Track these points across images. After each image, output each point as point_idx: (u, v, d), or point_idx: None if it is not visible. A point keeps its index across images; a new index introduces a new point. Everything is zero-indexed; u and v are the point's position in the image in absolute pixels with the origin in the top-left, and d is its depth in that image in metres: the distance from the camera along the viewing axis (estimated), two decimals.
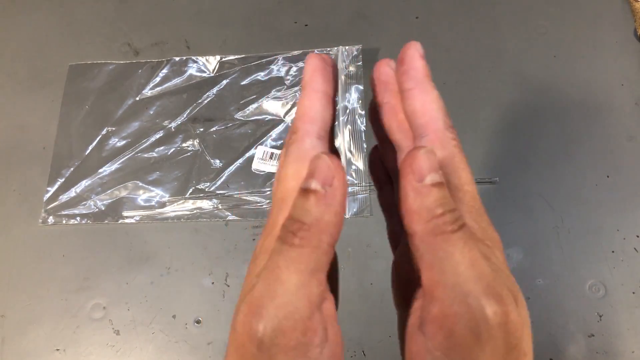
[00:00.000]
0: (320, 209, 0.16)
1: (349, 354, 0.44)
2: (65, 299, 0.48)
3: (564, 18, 0.57)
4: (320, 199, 0.16)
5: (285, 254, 0.16)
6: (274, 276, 0.16)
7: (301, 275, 0.16)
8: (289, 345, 0.16)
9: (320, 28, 0.59)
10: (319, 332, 0.16)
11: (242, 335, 0.16)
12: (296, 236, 0.16)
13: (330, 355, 0.17)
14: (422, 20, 0.58)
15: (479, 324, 0.15)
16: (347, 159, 0.51)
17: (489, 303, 0.15)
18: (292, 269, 0.16)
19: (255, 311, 0.16)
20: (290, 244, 0.16)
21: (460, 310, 0.15)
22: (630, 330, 0.44)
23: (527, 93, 0.54)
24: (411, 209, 0.17)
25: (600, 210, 0.49)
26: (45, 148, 0.55)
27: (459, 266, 0.16)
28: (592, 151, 0.51)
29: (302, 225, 0.16)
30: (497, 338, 0.15)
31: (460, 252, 0.16)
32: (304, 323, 0.16)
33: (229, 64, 0.57)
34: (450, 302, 0.16)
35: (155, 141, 0.54)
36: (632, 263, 0.46)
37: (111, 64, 0.58)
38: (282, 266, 0.16)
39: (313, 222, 0.16)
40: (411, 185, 0.17)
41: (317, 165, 0.17)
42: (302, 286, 0.16)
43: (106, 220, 0.51)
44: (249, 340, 0.16)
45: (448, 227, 0.16)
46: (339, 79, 0.22)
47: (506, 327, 0.15)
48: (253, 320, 0.16)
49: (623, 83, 0.54)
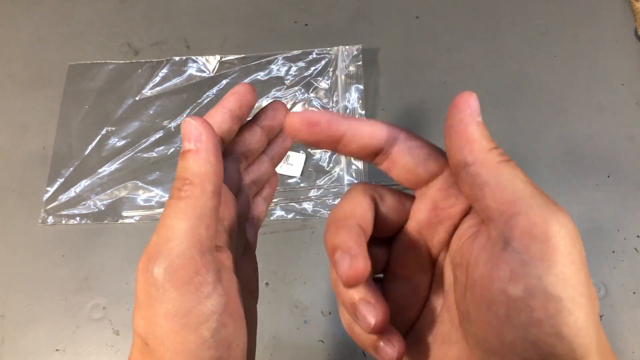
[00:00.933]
0: (197, 163, 0.19)
1: (348, 353, 0.44)
2: (65, 299, 0.48)
3: (564, 18, 0.57)
4: (194, 154, 0.19)
5: (174, 206, 0.19)
6: (166, 225, 0.18)
7: (189, 221, 0.18)
8: (181, 281, 0.17)
9: (320, 28, 0.59)
10: (211, 272, 0.18)
11: (140, 280, 0.18)
12: (181, 190, 0.19)
13: (223, 294, 0.19)
14: (422, 20, 0.58)
15: (566, 225, 0.16)
16: (347, 159, 0.51)
17: (563, 211, 0.17)
18: (180, 216, 0.18)
19: (151, 256, 0.18)
20: (178, 197, 0.19)
21: (548, 215, 0.16)
22: (630, 330, 0.44)
23: (527, 93, 0.54)
24: (472, 138, 0.18)
25: (600, 210, 0.49)
26: (45, 148, 0.55)
27: (528, 184, 0.17)
28: (592, 151, 0.51)
29: (185, 180, 0.19)
30: (579, 242, 0.16)
31: (523, 174, 0.18)
32: (195, 262, 0.18)
33: (228, 63, 0.57)
34: (535, 211, 0.16)
35: (155, 141, 0.54)
36: (632, 263, 0.46)
37: (111, 63, 0.58)
38: (172, 216, 0.18)
39: (194, 176, 0.19)
40: (473, 117, 0.18)
41: (186, 129, 0.19)
42: (190, 229, 0.18)
43: (106, 220, 0.51)
44: (145, 282, 0.18)
45: (505, 157, 0.18)
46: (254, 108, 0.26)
47: (578, 235, 0.17)
48: (149, 264, 0.18)
49: (623, 83, 0.54)
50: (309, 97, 0.55)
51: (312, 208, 0.50)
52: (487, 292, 0.17)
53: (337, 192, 0.51)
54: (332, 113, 0.20)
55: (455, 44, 0.57)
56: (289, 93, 0.55)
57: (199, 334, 0.17)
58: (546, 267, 0.16)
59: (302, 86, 0.55)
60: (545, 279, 0.16)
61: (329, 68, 0.56)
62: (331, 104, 0.54)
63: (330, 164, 0.52)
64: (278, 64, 0.56)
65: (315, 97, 0.55)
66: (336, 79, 0.55)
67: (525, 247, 0.16)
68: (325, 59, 0.56)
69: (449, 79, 0.55)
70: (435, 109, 0.53)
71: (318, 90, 0.55)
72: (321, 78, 0.55)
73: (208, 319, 0.18)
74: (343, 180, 0.51)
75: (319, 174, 0.51)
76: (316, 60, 0.56)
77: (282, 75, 0.56)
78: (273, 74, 0.56)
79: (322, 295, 0.47)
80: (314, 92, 0.55)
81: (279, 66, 0.56)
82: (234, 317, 0.19)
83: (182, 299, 0.17)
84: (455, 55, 0.56)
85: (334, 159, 0.52)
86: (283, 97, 0.55)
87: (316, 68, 0.56)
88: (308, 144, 0.20)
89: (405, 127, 0.21)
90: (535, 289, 0.16)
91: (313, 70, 0.56)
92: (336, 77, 0.55)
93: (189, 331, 0.17)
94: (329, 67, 0.56)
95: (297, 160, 0.52)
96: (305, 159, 0.52)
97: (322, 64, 0.56)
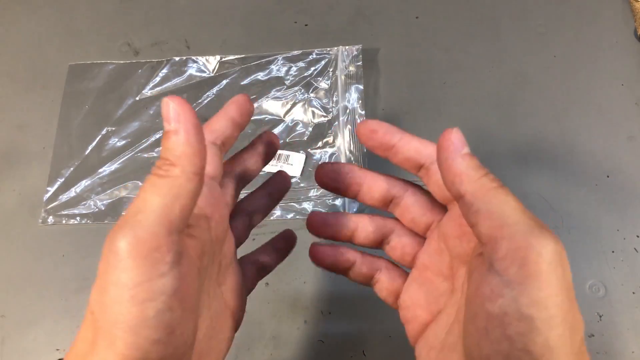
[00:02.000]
0: (176, 142, 0.19)
1: (349, 354, 0.44)
2: (65, 299, 0.48)
3: (564, 18, 0.57)
4: (173, 134, 0.19)
5: (151, 181, 0.19)
6: (140, 198, 0.18)
7: (164, 198, 0.18)
8: (140, 254, 0.17)
9: (320, 28, 0.59)
10: (173, 253, 0.18)
11: (105, 249, 0.18)
12: (161, 169, 0.19)
13: (178, 277, 0.18)
14: (422, 20, 0.58)
15: (548, 250, 0.17)
16: (347, 159, 0.51)
17: (550, 236, 0.18)
18: (155, 192, 0.18)
19: (120, 225, 0.18)
20: (157, 174, 0.19)
21: (529, 241, 0.17)
22: (630, 330, 0.44)
23: (527, 93, 0.54)
24: (459, 172, 0.20)
25: (600, 210, 0.49)
26: (45, 148, 0.55)
27: (516, 210, 0.18)
28: (592, 151, 0.51)
29: (166, 160, 0.19)
30: (561, 267, 0.17)
31: (513, 199, 0.19)
32: (158, 239, 0.18)
33: (229, 64, 0.57)
34: (518, 237, 0.18)
35: (155, 141, 0.54)
36: (632, 263, 0.46)
37: (111, 64, 0.58)
38: (147, 190, 0.18)
39: (174, 157, 0.19)
40: (458, 152, 0.20)
41: (165, 110, 0.19)
42: (163, 207, 0.18)
43: (106, 220, 0.51)
44: (107, 250, 0.17)
45: (495, 183, 0.19)
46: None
47: (564, 260, 0.18)
48: (116, 232, 0.17)
49: (623, 83, 0.54)
50: (309, 97, 0.55)
51: (312, 208, 0.50)
52: (473, 306, 0.19)
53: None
54: (392, 126, 0.24)
55: (455, 44, 0.57)
56: (289, 93, 0.55)
57: (142, 309, 0.17)
58: (521, 289, 0.17)
59: (302, 86, 0.55)
60: (519, 300, 0.17)
61: (328, 68, 0.56)
62: (331, 104, 0.54)
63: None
64: (278, 64, 0.56)
65: (315, 97, 0.55)
66: (336, 79, 0.55)
67: (505, 269, 0.18)
68: (325, 59, 0.56)
69: (449, 79, 0.55)
70: (435, 109, 0.53)
71: (318, 91, 0.55)
72: (321, 78, 0.55)
73: (155, 298, 0.17)
74: None
75: None
76: (316, 61, 0.56)
77: (282, 75, 0.56)
78: (273, 74, 0.56)
79: (322, 295, 0.47)
80: (313, 92, 0.55)
81: (279, 66, 0.56)
82: (184, 305, 0.19)
83: (135, 271, 0.17)
84: (455, 55, 0.56)
85: (334, 159, 0.52)
86: (283, 97, 0.55)
87: (316, 68, 0.56)
88: (368, 147, 0.25)
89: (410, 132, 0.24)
90: (510, 308, 0.17)
91: (313, 71, 0.56)
92: (336, 77, 0.55)
93: (133, 304, 0.17)
94: (328, 67, 0.56)
95: (297, 160, 0.52)
96: (305, 159, 0.52)
97: (322, 64, 0.56)
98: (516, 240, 0.18)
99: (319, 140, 0.53)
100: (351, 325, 0.45)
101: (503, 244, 0.18)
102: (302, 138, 0.53)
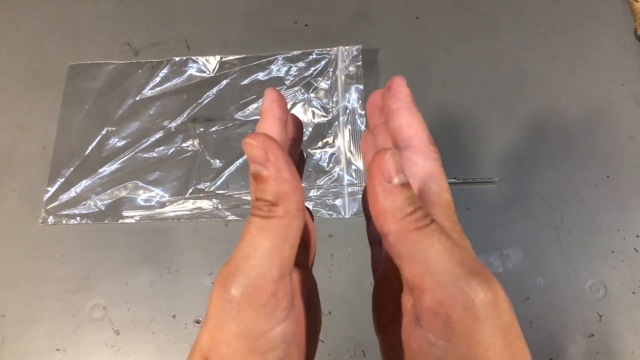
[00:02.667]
0: (272, 185, 0.17)
1: (349, 354, 0.44)
2: (65, 299, 0.48)
3: (564, 18, 0.57)
4: (266, 177, 0.17)
5: (257, 223, 0.17)
6: (248, 241, 0.17)
7: (274, 240, 0.17)
8: (258, 303, 0.17)
9: (320, 28, 0.59)
10: (287, 296, 0.18)
11: (215, 294, 0.17)
12: (263, 210, 0.18)
13: (295, 322, 0.18)
14: (422, 20, 0.58)
15: (475, 303, 0.16)
16: (347, 159, 0.51)
17: (479, 282, 0.16)
18: (264, 234, 0.17)
19: (231, 271, 0.17)
20: (260, 215, 0.17)
21: (454, 294, 0.16)
22: (630, 330, 0.44)
23: (527, 93, 0.54)
24: (383, 209, 0.17)
25: (600, 210, 0.49)
26: (45, 148, 0.55)
27: (441, 255, 0.16)
28: (592, 151, 0.51)
29: (266, 202, 0.18)
30: (493, 316, 0.16)
31: (438, 242, 0.17)
32: (274, 284, 0.17)
33: (229, 64, 0.57)
34: (441, 289, 0.16)
35: (155, 141, 0.54)
36: (632, 263, 0.46)
37: (111, 64, 0.58)
38: (254, 233, 0.17)
39: (273, 197, 0.17)
40: (381, 185, 0.17)
41: (250, 152, 0.18)
42: (274, 249, 0.17)
43: (106, 220, 0.51)
44: (220, 297, 0.17)
45: (421, 223, 0.17)
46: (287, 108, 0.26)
47: (499, 305, 0.16)
48: (228, 279, 0.17)
49: (623, 83, 0.54)
50: (309, 97, 0.55)
51: (311, 208, 0.50)
52: (406, 347, 0.18)
53: (336, 192, 0.51)
54: (396, 95, 0.23)
55: (455, 44, 0.57)
56: (289, 93, 0.55)
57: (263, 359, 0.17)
58: (447, 349, 0.16)
59: (302, 86, 0.55)
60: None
61: (328, 68, 0.56)
62: (331, 104, 0.54)
63: (330, 164, 0.52)
64: (278, 64, 0.56)
65: (315, 97, 0.55)
66: (336, 79, 0.55)
67: (431, 326, 0.16)
68: (325, 59, 0.56)
69: (449, 79, 0.55)
70: (435, 109, 0.53)
71: (318, 91, 0.55)
72: (321, 78, 0.55)
73: (277, 347, 0.17)
74: (343, 180, 0.51)
75: (318, 174, 0.51)
76: (316, 61, 0.56)
77: (282, 75, 0.56)
78: (273, 74, 0.56)
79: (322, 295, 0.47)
80: (313, 92, 0.55)
81: (279, 66, 0.56)
82: (300, 348, 0.19)
83: (256, 321, 0.17)
84: (455, 55, 0.56)
85: (334, 159, 0.52)
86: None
87: (316, 68, 0.56)
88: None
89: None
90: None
91: (313, 71, 0.56)
92: (336, 77, 0.55)
93: (256, 356, 0.17)
94: (328, 67, 0.56)
95: None
96: (305, 159, 0.52)
97: (322, 64, 0.56)
98: (440, 293, 0.16)
99: (319, 140, 0.53)
100: (351, 325, 0.45)
101: (427, 298, 0.16)
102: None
